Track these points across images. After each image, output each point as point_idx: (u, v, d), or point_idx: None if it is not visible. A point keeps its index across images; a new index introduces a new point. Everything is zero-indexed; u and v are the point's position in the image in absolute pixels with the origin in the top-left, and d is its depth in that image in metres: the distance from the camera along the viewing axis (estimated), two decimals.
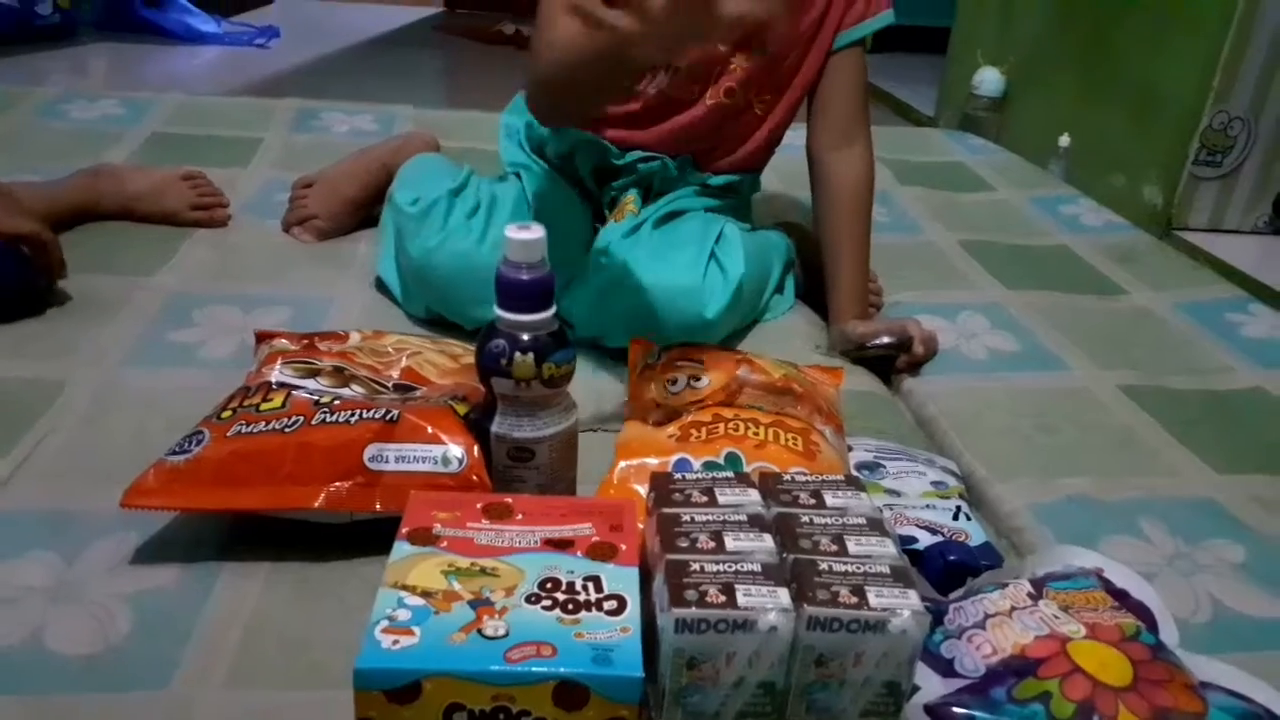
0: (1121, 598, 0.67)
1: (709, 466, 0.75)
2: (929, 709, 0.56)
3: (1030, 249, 1.34)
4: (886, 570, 0.55)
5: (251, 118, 1.63)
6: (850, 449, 0.85)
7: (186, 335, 0.98)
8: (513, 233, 0.67)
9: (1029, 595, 0.63)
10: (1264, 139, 1.84)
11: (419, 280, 1.00)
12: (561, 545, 0.61)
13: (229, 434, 0.70)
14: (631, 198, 1.06)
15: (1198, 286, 1.26)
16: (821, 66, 1.05)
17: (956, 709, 0.56)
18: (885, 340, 0.97)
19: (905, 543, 0.74)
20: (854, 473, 0.81)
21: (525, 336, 0.68)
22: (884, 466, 0.83)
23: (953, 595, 0.65)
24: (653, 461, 0.76)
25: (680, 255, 0.97)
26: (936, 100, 2.68)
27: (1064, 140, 2.10)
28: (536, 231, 0.67)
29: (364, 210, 1.22)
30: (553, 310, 0.69)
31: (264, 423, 0.70)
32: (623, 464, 0.76)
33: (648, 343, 0.92)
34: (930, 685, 0.59)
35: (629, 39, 0.67)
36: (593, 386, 0.90)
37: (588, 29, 0.68)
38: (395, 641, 0.52)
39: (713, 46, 0.99)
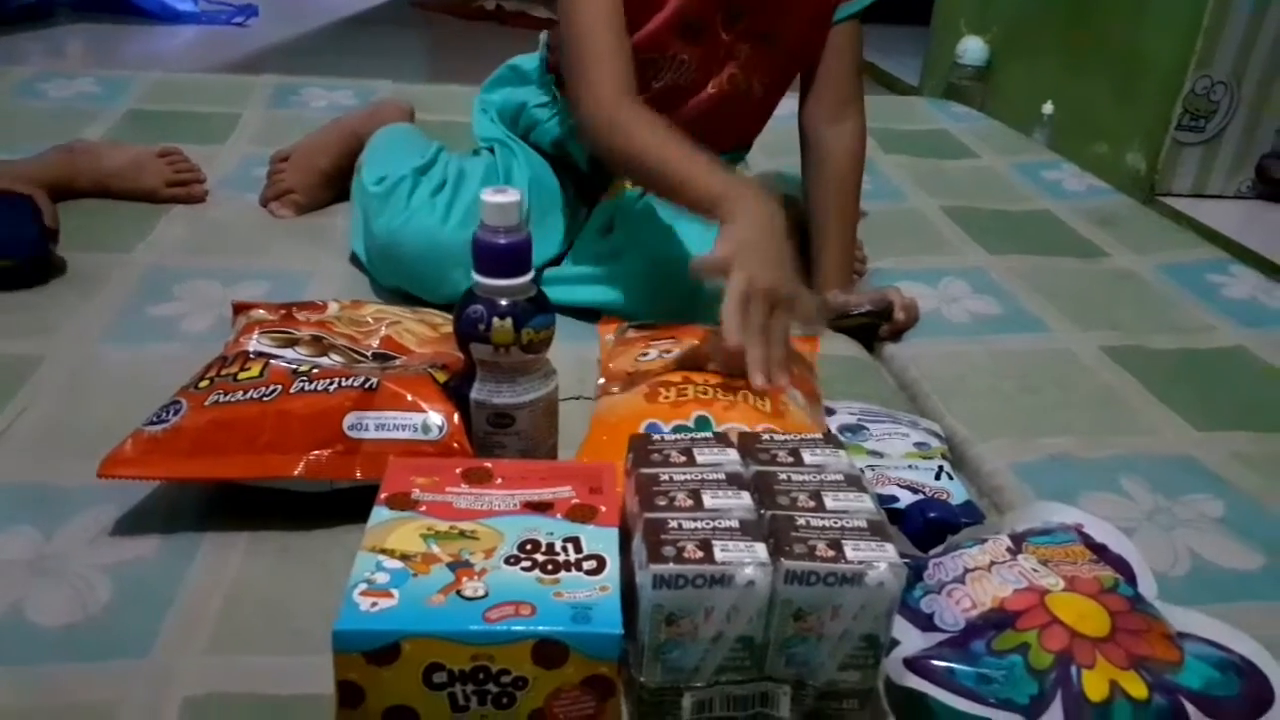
0: (1100, 552, 0.67)
1: (679, 430, 0.75)
2: (909, 662, 0.56)
3: (1013, 214, 1.34)
4: (864, 525, 0.55)
5: (229, 94, 1.62)
6: (833, 412, 0.85)
7: (166, 309, 0.98)
8: (489, 196, 0.66)
9: (1008, 550, 0.63)
10: (1246, 103, 1.84)
11: (385, 258, 1.00)
12: (541, 508, 0.61)
13: (206, 403, 0.69)
14: (621, 183, 1.06)
15: (1179, 249, 1.26)
16: (822, 42, 1.04)
17: (935, 661, 0.56)
18: (866, 308, 0.97)
19: (886, 502, 0.74)
20: (835, 434, 0.82)
21: (503, 302, 0.68)
22: (867, 429, 0.83)
23: (933, 552, 0.65)
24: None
25: (690, 227, 0.97)
26: (921, 70, 2.67)
27: (1047, 108, 2.10)
28: (512, 195, 0.67)
29: (340, 181, 1.21)
30: (530, 275, 0.69)
31: (242, 391, 0.70)
32: (595, 434, 0.76)
33: (617, 319, 0.93)
34: (910, 639, 0.59)
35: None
36: (576, 355, 0.90)
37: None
38: (374, 604, 0.53)
39: (717, 36, 0.98)
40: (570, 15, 0.90)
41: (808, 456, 0.61)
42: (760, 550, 0.53)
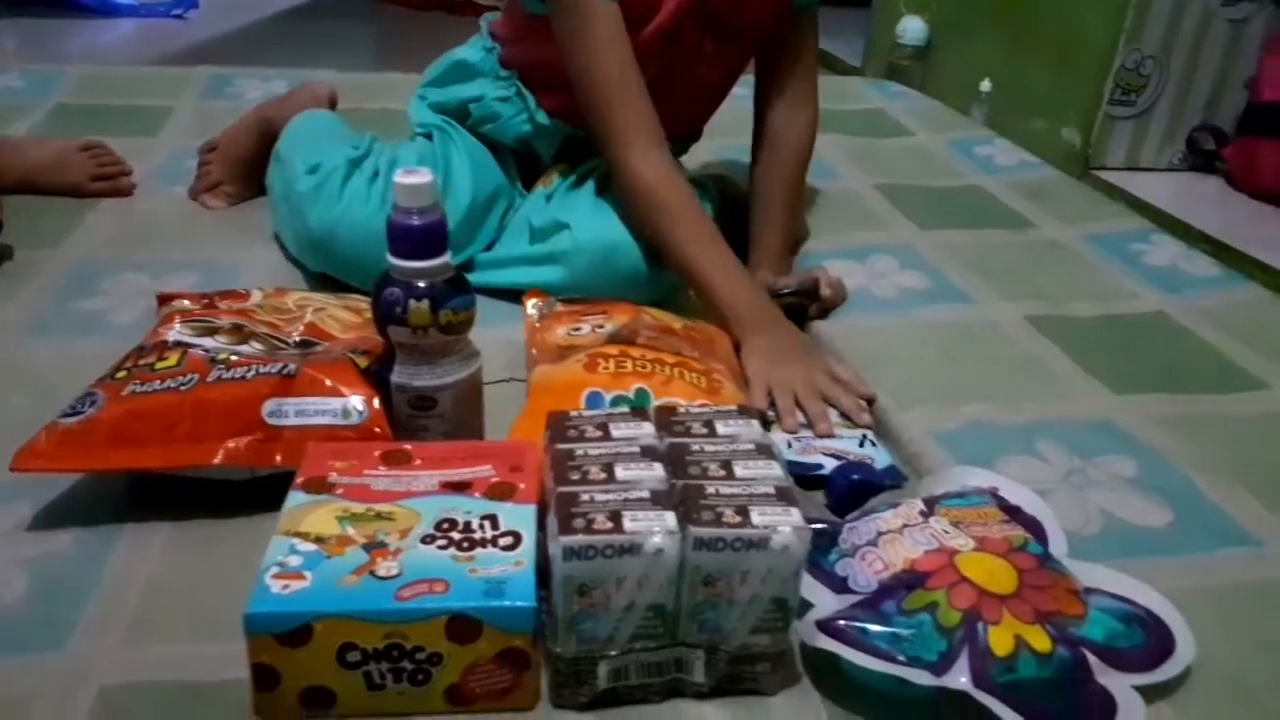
0: (1014, 514, 0.69)
1: (619, 401, 0.76)
2: (820, 624, 0.57)
3: (945, 190, 1.35)
4: (771, 490, 0.56)
5: (161, 87, 1.59)
6: None
7: (94, 303, 0.97)
8: (400, 178, 0.66)
9: (920, 513, 0.65)
10: (1175, 77, 1.88)
11: (320, 250, 0.99)
12: (460, 487, 0.61)
13: (123, 394, 0.69)
14: (560, 168, 1.06)
15: (1106, 220, 1.29)
16: (780, 31, 1.04)
17: (845, 622, 0.57)
18: (792, 288, 0.98)
19: (812, 469, 0.76)
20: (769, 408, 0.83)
21: (421, 283, 0.68)
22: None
23: (849, 516, 0.67)
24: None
25: (616, 211, 0.97)
26: (863, 51, 2.69)
27: (985, 85, 2.12)
28: (424, 175, 0.67)
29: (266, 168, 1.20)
30: (447, 256, 0.69)
31: (159, 381, 0.69)
32: (535, 400, 0.77)
33: (542, 293, 0.93)
34: (824, 602, 0.60)
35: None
36: (506, 338, 0.90)
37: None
38: (285, 586, 0.53)
39: (687, 40, 0.98)
40: (588, 61, 0.91)
41: (721, 427, 0.62)
42: (669, 519, 0.53)
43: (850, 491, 0.72)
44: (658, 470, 0.58)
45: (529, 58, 1.04)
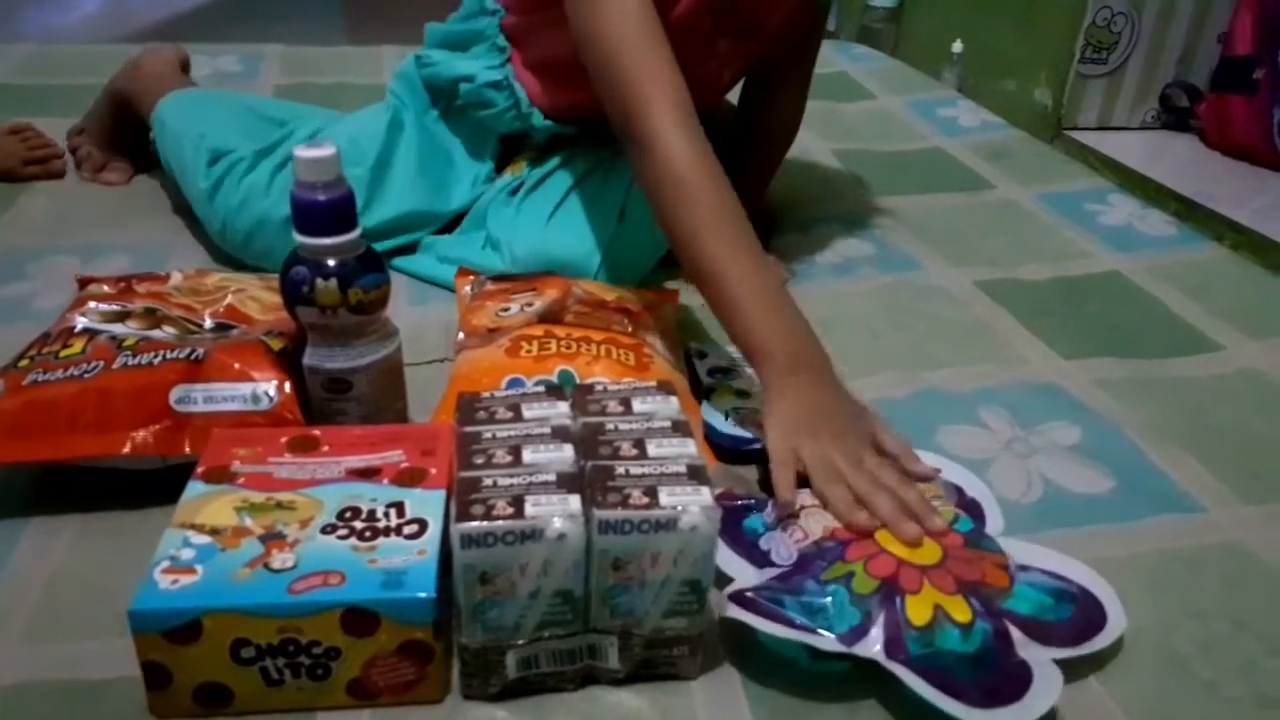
0: (958, 494, 0.67)
1: (541, 384, 0.73)
2: (732, 596, 0.56)
3: (904, 153, 1.33)
4: (683, 470, 0.54)
5: (104, 65, 1.53)
6: (705, 355, 0.84)
7: (18, 289, 0.94)
8: (301, 151, 0.64)
9: None
10: (1147, 33, 1.84)
11: (228, 244, 0.98)
12: (367, 474, 0.59)
13: (25, 383, 0.66)
14: (530, 155, 1.03)
15: (1064, 180, 1.26)
16: (797, 30, 0.97)
17: (754, 593, 0.55)
18: None
19: (748, 443, 0.74)
20: (706, 378, 0.81)
21: (330, 261, 0.66)
22: (736, 370, 0.82)
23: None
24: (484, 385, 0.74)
25: (579, 225, 0.93)
26: (835, 14, 2.64)
27: (957, 47, 2.09)
28: (327, 149, 0.64)
29: (132, 142, 1.19)
30: (356, 232, 0.66)
31: (62, 370, 0.67)
32: (453, 390, 0.75)
33: (473, 271, 0.91)
34: (745, 577, 0.59)
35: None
36: (444, 317, 0.88)
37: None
38: (174, 581, 0.51)
39: (701, 36, 0.91)
40: (603, 23, 0.76)
41: (637, 404, 0.60)
42: (573, 502, 0.51)
43: None
44: (567, 452, 0.55)
45: (529, 28, 0.98)
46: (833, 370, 0.69)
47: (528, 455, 0.55)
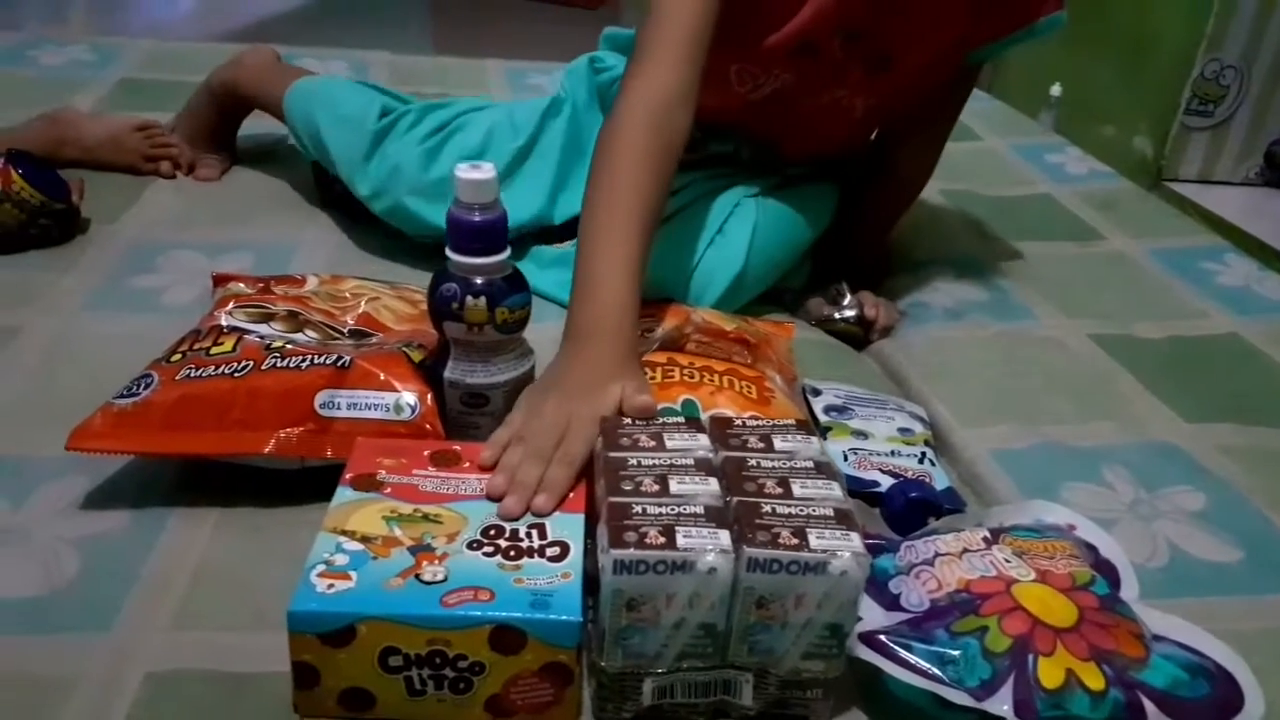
0: (1092, 553, 0.66)
1: (666, 413, 0.74)
2: (863, 636, 0.56)
3: (1012, 198, 1.32)
4: (830, 513, 0.54)
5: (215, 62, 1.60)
6: (819, 393, 0.84)
7: (149, 281, 0.97)
8: (462, 173, 0.65)
9: (984, 539, 0.63)
10: (1257, 88, 1.81)
11: (382, 196, 1.01)
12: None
13: (178, 377, 0.69)
14: None
15: (1177, 235, 1.24)
16: (940, 78, 0.96)
17: (887, 637, 0.55)
18: (846, 315, 0.97)
19: (867, 486, 0.74)
20: (823, 417, 0.81)
21: (478, 280, 0.67)
22: (852, 409, 0.82)
23: (909, 536, 0.65)
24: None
25: (671, 248, 0.93)
26: None
27: (1055, 90, 2.06)
28: (487, 171, 0.66)
29: (232, 131, 1.24)
30: (506, 253, 0.68)
31: (214, 367, 0.69)
32: None
33: None
34: (873, 618, 0.59)
35: None
36: (553, 335, 0.89)
37: None
38: (330, 585, 0.52)
39: (830, 57, 0.91)
40: None
41: (779, 443, 0.61)
42: (723, 537, 0.52)
43: (907, 509, 0.70)
44: (713, 485, 0.56)
45: None
46: (620, 346, 0.69)
47: (675, 486, 0.56)
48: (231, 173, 1.23)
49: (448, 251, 0.67)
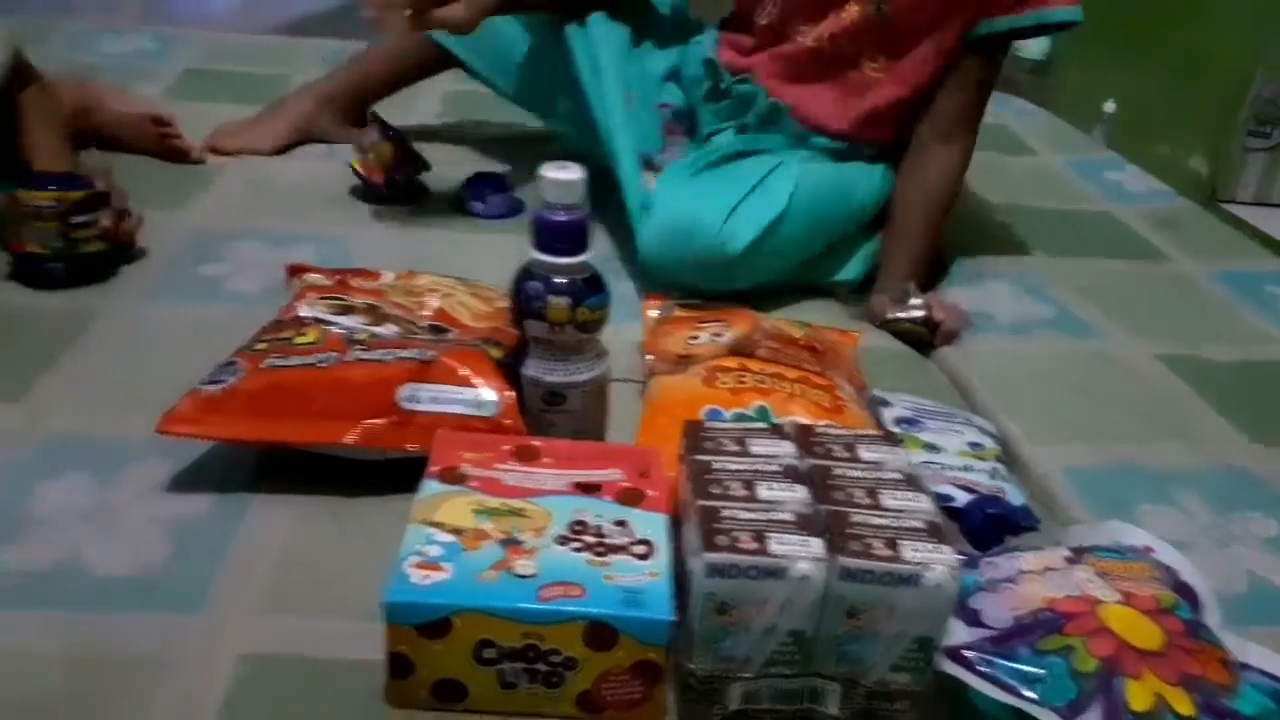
0: (1171, 577, 0.66)
1: (739, 418, 0.74)
2: (948, 650, 0.55)
3: (1071, 214, 1.31)
4: (921, 525, 0.54)
5: (279, 56, 1.62)
6: (889, 404, 0.84)
7: (215, 269, 0.98)
8: (549, 173, 0.66)
9: (1066, 559, 0.62)
10: None
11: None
12: (589, 489, 0.60)
13: (263, 366, 0.69)
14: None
15: (1240, 257, 1.23)
16: (951, 50, 0.99)
17: (973, 653, 0.55)
18: (910, 316, 0.96)
19: (942, 500, 0.73)
20: (892, 427, 0.81)
21: (560, 279, 0.68)
22: (923, 422, 0.82)
23: (990, 551, 0.64)
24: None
25: (712, 186, 0.96)
26: None
27: (1109, 106, 2.05)
28: (575, 172, 0.66)
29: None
30: (589, 253, 0.68)
31: (298, 356, 0.70)
32: (652, 415, 0.76)
33: (661, 296, 0.92)
34: (955, 633, 0.58)
35: None
36: (622, 337, 0.89)
37: None
38: (426, 576, 0.53)
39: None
40: None
41: (864, 453, 0.61)
42: (816, 545, 0.52)
43: (985, 525, 0.70)
44: (801, 493, 0.56)
45: None
46: None
47: (762, 492, 0.56)
48: (286, 166, 1.23)
49: (532, 251, 0.68)
